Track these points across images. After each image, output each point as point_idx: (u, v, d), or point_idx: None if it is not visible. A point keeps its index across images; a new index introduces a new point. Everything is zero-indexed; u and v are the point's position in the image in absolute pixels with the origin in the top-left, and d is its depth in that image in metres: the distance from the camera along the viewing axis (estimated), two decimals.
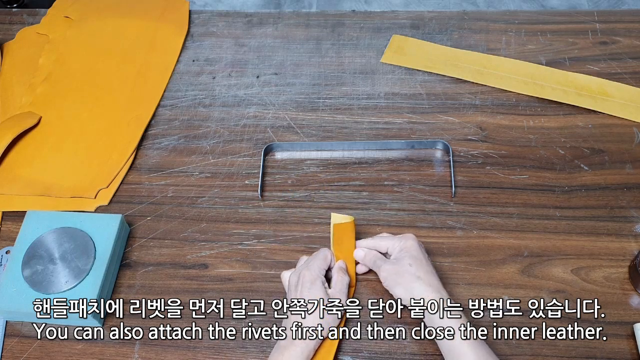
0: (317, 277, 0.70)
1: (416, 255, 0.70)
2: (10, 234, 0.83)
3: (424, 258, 0.70)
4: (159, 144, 0.92)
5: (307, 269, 0.70)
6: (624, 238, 0.79)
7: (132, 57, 1.03)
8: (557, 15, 1.06)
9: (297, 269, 0.73)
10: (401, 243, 0.72)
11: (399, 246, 0.72)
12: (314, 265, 0.71)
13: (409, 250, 0.71)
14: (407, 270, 0.69)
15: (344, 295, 0.70)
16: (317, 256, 0.72)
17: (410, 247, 0.71)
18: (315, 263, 0.71)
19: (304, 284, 0.69)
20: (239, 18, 1.09)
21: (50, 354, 0.73)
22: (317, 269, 0.71)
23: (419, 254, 0.70)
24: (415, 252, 0.70)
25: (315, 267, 0.71)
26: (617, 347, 0.71)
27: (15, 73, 1.02)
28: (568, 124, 0.91)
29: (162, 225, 0.83)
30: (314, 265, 0.71)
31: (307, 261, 0.73)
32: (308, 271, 0.70)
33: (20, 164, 0.90)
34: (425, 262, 0.70)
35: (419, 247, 0.71)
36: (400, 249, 0.71)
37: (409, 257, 0.70)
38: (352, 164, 0.88)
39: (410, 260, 0.69)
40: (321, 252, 0.73)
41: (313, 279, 0.69)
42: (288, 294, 0.72)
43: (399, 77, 0.98)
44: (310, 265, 0.71)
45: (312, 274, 0.70)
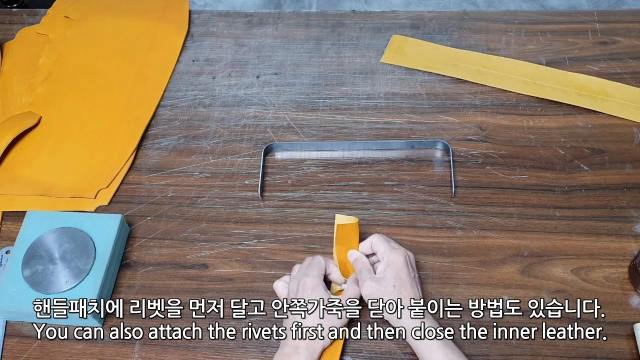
0: (318, 284, 0.69)
1: (401, 276, 0.68)
2: (10, 234, 0.83)
3: (407, 279, 0.68)
4: (159, 144, 0.92)
5: (306, 276, 0.69)
6: (624, 238, 0.79)
7: (132, 57, 1.03)
8: (557, 15, 1.06)
9: (294, 277, 0.72)
10: (390, 255, 0.70)
11: (387, 258, 0.70)
12: (313, 271, 0.70)
13: (395, 267, 0.69)
14: (390, 291, 0.68)
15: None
16: (313, 263, 0.71)
17: (396, 264, 0.69)
18: (314, 270, 0.70)
19: (305, 290, 0.68)
20: (239, 18, 1.09)
21: (50, 354, 0.73)
22: (317, 275, 0.70)
23: (405, 275, 0.69)
24: (401, 272, 0.69)
25: (315, 274, 0.70)
26: (617, 347, 0.71)
27: (15, 73, 1.02)
28: (568, 124, 0.91)
29: (162, 225, 0.83)
30: (312, 271, 0.70)
31: (303, 268, 0.71)
32: (308, 278, 0.69)
33: (20, 164, 0.90)
34: (409, 284, 0.68)
35: (405, 266, 0.69)
36: (387, 265, 0.69)
37: (393, 277, 0.68)
38: (352, 164, 0.88)
39: (394, 282, 0.68)
40: (315, 259, 0.72)
41: (314, 285, 0.69)
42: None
43: (399, 77, 0.98)
44: (308, 272, 0.70)
45: (313, 280, 0.69)
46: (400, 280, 0.68)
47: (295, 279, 0.71)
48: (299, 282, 0.70)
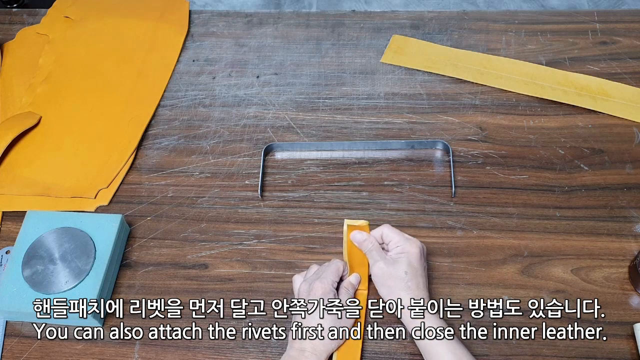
0: (330, 291, 0.68)
1: (414, 265, 0.69)
2: (10, 234, 0.83)
3: (420, 269, 0.69)
4: (159, 144, 0.92)
5: (319, 281, 0.69)
6: (624, 238, 0.79)
7: (132, 57, 1.03)
8: (557, 15, 1.06)
9: (307, 278, 0.71)
10: (405, 245, 0.70)
11: (401, 247, 0.70)
12: (327, 277, 0.69)
13: (409, 256, 0.69)
14: (401, 277, 0.68)
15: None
16: (330, 267, 0.70)
17: (411, 254, 0.69)
18: (328, 276, 0.69)
19: (316, 295, 0.68)
20: (239, 18, 1.09)
21: (50, 354, 0.73)
22: (330, 281, 0.69)
23: (418, 264, 0.69)
24: (415, 261, 0.69)
25: (328, 279, 0.69)
26: (617, 347, 0.71)
27: (15, 73, 1.02)
28: (568, 124, 0.91)
29: (162, 225, 0.83)
30: (326, 277, 0.69)
31: (319, 271, 0.71)
32: (320, 283, 0.68)
33: (20, 164, 0.90)
34: (420, 273, 0.69)
35: (419, 257, 0.70)
36: (402, 251, 0.70)
37: (407, 264, 0.68)
38: (352, 164, 0.88)
39: (407, 268, 0.68)
40: (333, 264, 0.71)
41: (325, 292, 0.68)
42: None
43: (399, 77, 0.98)
44: (322, 277, 0.69)
45: (324, 286, 0.68)
46: (413, 269, 0.68)
47: (307, 281, 0.70)
48: (310, 284, 0.69)
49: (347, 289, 0.71)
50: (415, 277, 0.68)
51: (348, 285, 0.71)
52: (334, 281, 0.69)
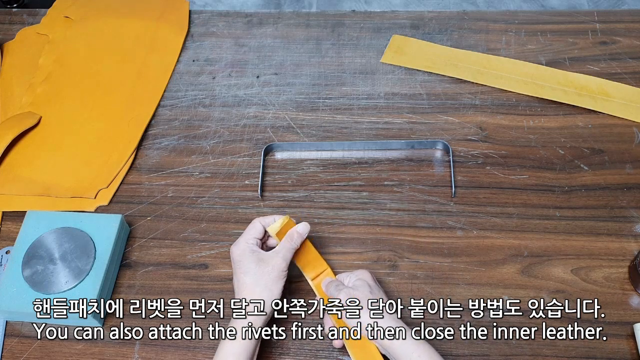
0: (244, 251, 0.69)
1: (372, 285, 0.70)
2: (10, 234, 0.83)
3: (376, 287, 0.70)
4: (159, 144, 0.92)
5: (234, 245, 0.70)
6: (624, 238, 0.79)
7: (132, 57, 1.03)
8: (557, 15, 1.06)
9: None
10: (356, 273, 0.72)
11: (355, 277, 0.71)
12: (241, 239, 0.71)
13: (366, 279, 0.70)
14: (367, 295, 0.68)
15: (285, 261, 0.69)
16: (246, 229, 0.72)
17: (367, 277, 0.71)
18: (242, 237, 0.71)
19: (234, 261, 0.69)
20: (239, 18, 1.09)
21: (50, 354, 0.73)
22: (244, 242, 0.70)
23: (374, 284, 0.70)
24: (371, 282, 0.70)
25: (242, 241, 0.70)
26: (617, 347, 0.71)
27: (15, 73, 1.02)
28: (568, 124, 0.91)
29: (162, 225, 0.83)
30: (240, 239, 0.71)
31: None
32: (235, 247, 0.70)
33: (20, 164, 0.90)
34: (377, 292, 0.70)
35: (373, 279, 0.71)
36: (357, 278, 0.71)
37: (367, 285, 0.69)
38: (352, 164, 0.88)
39: (369, 288, 0.69)
40: (250, 224, 0.72)
41: (242, 253, 0.69)
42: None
43: (399, 77, 0.98)
44: (237, 241, 0.71)
45: (238, 248, 0.70)
46: (372, 288, 0.69)
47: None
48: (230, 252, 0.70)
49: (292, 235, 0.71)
50: (379, 292, 0.69)
51: (293, 233, 0.71)
52: (248, 241, 0.70)
